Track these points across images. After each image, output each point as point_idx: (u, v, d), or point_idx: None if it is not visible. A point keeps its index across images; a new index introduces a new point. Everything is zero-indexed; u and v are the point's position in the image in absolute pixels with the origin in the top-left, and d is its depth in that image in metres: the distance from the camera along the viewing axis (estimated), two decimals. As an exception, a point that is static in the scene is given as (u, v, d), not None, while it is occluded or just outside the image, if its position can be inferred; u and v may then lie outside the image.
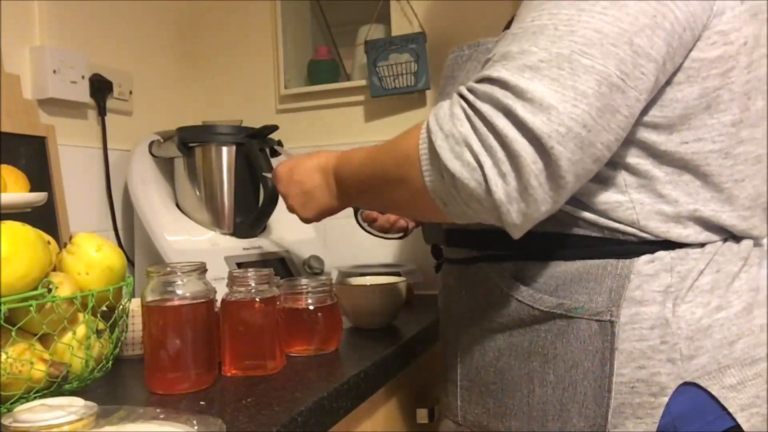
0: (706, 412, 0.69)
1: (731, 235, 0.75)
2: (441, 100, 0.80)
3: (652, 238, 0.71)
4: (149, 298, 0.81)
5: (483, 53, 0.81)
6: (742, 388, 0.70)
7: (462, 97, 0.64)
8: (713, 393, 0.69)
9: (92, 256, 0.83)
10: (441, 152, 0.62)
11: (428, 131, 0.65)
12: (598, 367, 0.71)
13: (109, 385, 0.86)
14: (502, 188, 0.60)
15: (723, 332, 0.70)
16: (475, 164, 0.60)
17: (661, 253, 0.71)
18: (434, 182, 0.64)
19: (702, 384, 0.69)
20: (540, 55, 0.61)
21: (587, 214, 0.72)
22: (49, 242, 0.81)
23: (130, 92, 1.50)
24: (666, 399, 0.69)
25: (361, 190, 0.80)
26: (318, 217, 0.91)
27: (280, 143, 1.43)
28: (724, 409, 0.69)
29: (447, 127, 0.63)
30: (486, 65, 0.66)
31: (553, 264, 0.75)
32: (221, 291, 0.89)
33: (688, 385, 0.69)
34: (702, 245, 0.72)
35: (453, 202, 0.64)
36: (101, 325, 0.84)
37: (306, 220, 0.93)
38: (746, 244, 0.75)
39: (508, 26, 0.85)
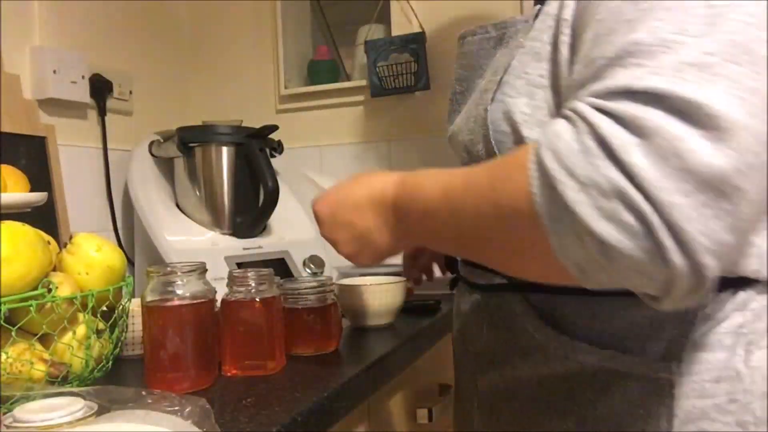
0: None
1: None
2: (462, 96, 0.68)
3: (726, 275, 0.54)
4: (149, 298, 0.81)
5: (520, 35, 0.62)
6: None
7: (589, 122, 0.43)
8: None
9: (92, 256, 0.83)
10: (579, 209, 0.42)
11: (545, 173, 0.44)
12: None
13: (109, 385, 0.85)
14: (681, 256, 0.41)
15: None
16: (638, 227, 0.41)
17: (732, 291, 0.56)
18: (567, 248, 0.45)
19: None
20: (704, 46, 0.43)
21: None
22: (49, 242, 0.81)
23: (130, 92, 1.50)
24: None
25: (439, 238, 0.59)
26: (377, 263, 0.73)
27: (280, 143, 1.43)
28: None
29: (584, 172, 0.43)
30: (599, 69, 0.46)
31: (595, 302, 0.58)
32: (221, 291, 0.88)
33: None
34: None
35: (598, 271, 0.45)
36: (101, 325, 0.84)
37: (362, 266, 0.77)
38: None
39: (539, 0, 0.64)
